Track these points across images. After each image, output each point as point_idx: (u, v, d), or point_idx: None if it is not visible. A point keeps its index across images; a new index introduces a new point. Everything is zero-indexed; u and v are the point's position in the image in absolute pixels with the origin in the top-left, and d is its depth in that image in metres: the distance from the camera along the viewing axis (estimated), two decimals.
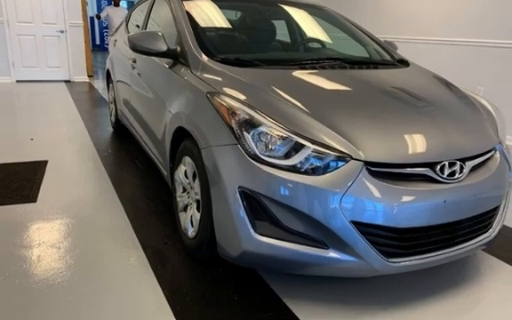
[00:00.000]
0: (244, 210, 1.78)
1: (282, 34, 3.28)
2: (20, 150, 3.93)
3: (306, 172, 1.71)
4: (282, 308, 1.89)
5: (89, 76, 8.68)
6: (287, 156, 1.74)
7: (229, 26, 2.99)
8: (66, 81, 8.32)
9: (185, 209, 2.33)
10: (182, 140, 2.28)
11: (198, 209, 2.13)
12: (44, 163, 3.60)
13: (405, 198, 1.72)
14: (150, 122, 2.95)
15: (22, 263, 2.13)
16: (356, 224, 1.70)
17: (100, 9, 15.73)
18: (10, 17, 7.64)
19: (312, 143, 1.74)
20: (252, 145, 1.77)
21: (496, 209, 2.05)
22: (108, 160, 3.78)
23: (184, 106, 2.24)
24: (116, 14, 8.81)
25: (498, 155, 2.11)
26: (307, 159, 1.72)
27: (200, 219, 2.08)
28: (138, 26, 3.78)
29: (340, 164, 1.71)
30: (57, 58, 8.21)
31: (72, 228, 2.51)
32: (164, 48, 2.50)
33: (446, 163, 1.82)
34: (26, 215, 2.65)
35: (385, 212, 1.70)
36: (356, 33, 3.20)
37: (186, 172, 2.26)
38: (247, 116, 1.83)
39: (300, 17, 3.39)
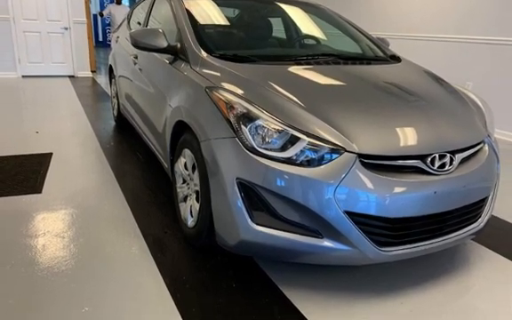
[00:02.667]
0: (242, 200, 1.82)
1: (278, 31, 3.32)
2: (26, 143, 3.99)
3: (301, 164, 1.76)
4: (278, 295, 1.94)
5: (92, 72, 8.73)
6: (283, 148, 1.79)
7: (227, 23, 3.04)
8: (70, 76, 8.38)
9: (185, 199, 2.38)
10: (182, 133, 2.33)
11: (197, 199, 2.18)
12: (49, 155, 3.67)
13: (397, 189, 1.76)
14: (151, 115, 3.00)
15: (28, 252, 2.19)
16: (350, 214, 1.74)
17: (102, 6, 15.76)
18: (16, 14, 7.71)
19: (307, 136, 1.78)
20: (250, 138, 1.82)
21: (485, 200, 2.10)
22: (110, 152, 3.84)
23: (184, 100, 2.29)
24: (118, 12, 8.93)
25: (486, 147, 2.16)
26: (302, 151, 1.77)
27: (199, 209, 2.13)
28: (139, 23, 3.83)
29: (334, 156, 1.76)
30: (61, 54, 8.29)
31: (76, 218, 2.57)
32: (165, 44, 2.55)
33: (437, 155, 1.87)
34: (31, 206, 2.71)
35: (377, 203, 1.74)
36: (350, 30, 3.23)
37: (185, 163, 2.31)
38: (245, 110, 1.88)
39: (296, 14, 3.43)
